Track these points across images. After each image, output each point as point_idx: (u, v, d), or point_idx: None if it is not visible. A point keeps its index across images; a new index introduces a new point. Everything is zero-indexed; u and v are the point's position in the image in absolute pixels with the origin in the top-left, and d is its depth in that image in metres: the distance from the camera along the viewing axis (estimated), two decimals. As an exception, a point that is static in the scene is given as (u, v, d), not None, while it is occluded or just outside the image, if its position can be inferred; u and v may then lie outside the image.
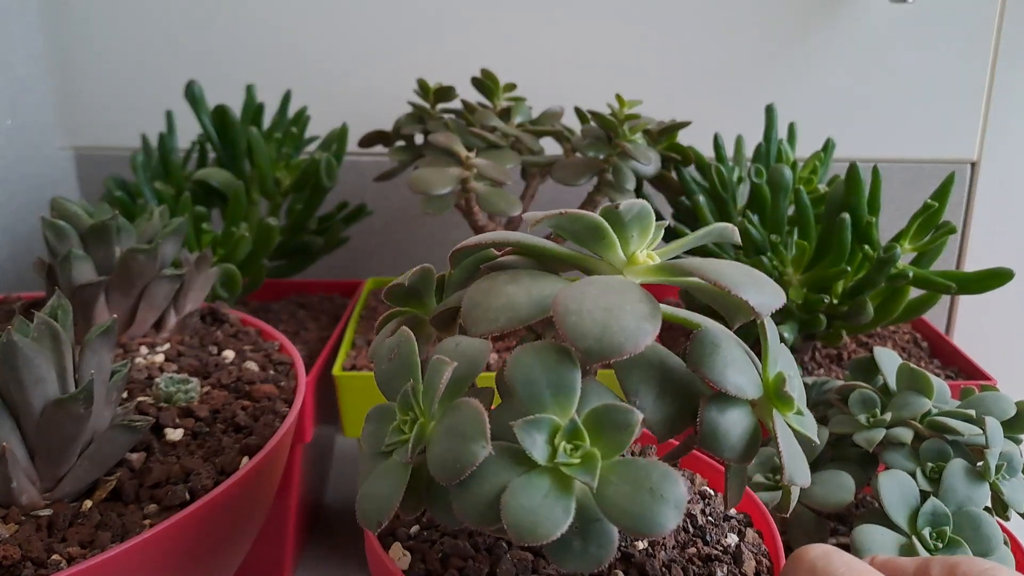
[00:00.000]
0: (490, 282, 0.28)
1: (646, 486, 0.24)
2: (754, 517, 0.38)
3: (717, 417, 0.27)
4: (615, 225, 0.29)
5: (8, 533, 0.34)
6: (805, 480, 0.28)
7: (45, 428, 0.35)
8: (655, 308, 0.26)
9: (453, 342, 0.29)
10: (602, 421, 0.25)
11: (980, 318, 0.88)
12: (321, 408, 0.60)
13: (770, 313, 0.27)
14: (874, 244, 0.56)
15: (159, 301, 0.51)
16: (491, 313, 0.27)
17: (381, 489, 0.27)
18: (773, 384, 0.28)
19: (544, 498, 0.24)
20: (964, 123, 0.82)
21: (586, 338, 0.25)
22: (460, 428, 0.25)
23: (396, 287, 0.34)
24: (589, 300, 0.26)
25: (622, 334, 0.25)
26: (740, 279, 0.27)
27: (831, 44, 0.80)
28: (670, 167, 0.65)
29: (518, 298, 0.27)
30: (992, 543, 0.39)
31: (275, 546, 0.60)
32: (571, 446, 0.25)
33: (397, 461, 0.27)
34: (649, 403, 0.28)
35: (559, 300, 0.26)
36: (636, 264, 0.29)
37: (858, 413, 0.46)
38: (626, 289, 0.27)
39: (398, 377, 0.29)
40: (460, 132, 0.61)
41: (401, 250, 0.87)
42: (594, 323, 0.25)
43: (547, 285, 0.28)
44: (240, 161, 0.69)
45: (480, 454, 0.24)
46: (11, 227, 0.74)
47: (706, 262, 0.28)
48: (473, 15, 0.80)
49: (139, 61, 0.81)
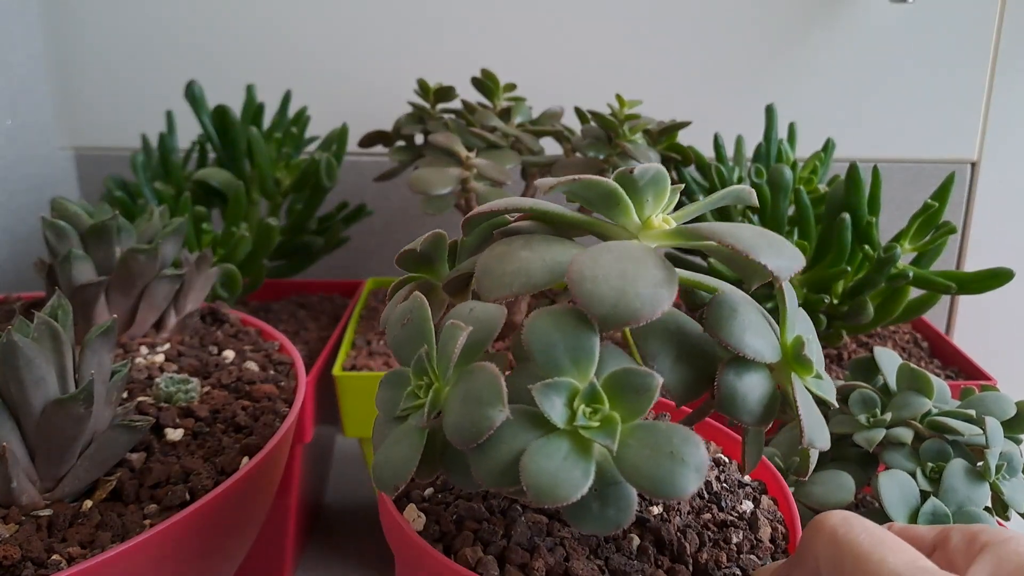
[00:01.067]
0: (504, 247, 0.28)
1: (666, 449, 0.24)
2: (769, 484, 0.38)
3: (735, 381, 0.27)
4: (629, 190, 0.28)
5: (8, 533, 0.34)
6: (825, 443, 0.28)
7: (45, 428, 0.35)
8: (671, 273, 0.26)
9: (467, 307, 0.28)
10: (621, 385, 0.25)
11: (980, 318, 0.88)
12: (321, 408, 0.60)
13: (789, 277, 0.27)
14: (874, 244, 0.56)
15: (159, 301, 0.51)
16: (505, 278, 0.27)
17: (397, 454, 0.27)
18: (792, 347, 0.28)
19: (563, 460, 0.24)
20: (964, 123, 0.82)
21: (602, 305, 0.24)
22: (476, 393, 0.25)
23: (408, 252, 0.34)
24: (604, 266, 0.25)
25: (638, 300, 0.24)
26: (758, 242, 0.26)
27: (831, 44, 0.80)
28: (670, 167, 0.65)
29: (532, 263, 0.27)
30: (992, 543, 0.39)
31: (275, 546, 0.60)
32: (590, 409, 0.25)
33: (412, 425, 0.27)
34: (667, 368, 0.27)
35: (574, 266, 0.25)
36: (651, 228, 0.29)
37: (858, 413, 0.46)
38: (642, 255, 0.26)
39: (412, 342, 0.28)
40: (460, 132, 0.61)
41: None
42: (610, 289, 0.24)
43: (561, 250, 0.27)
44: (240, 161, 0.69)
45: (497, 418, 0.24)
46: (11, 227, 0.74)
47: (722, 226, 0.27)
48: (473, 15, 0.80)
49: (139, 61, 0.81)
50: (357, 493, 0.75)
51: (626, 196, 0.28)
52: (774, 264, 0.26)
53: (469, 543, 0.31)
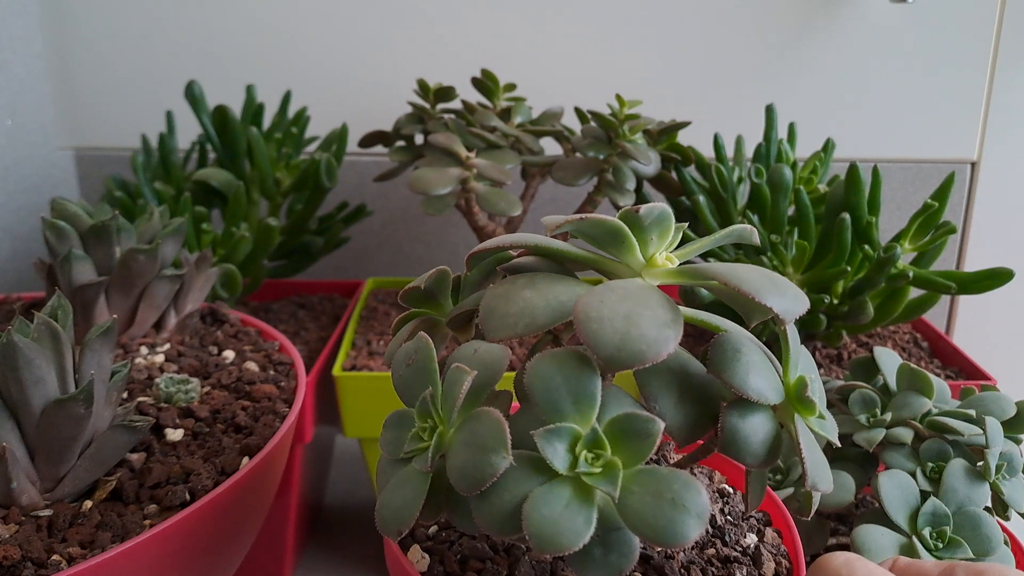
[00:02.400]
0: (507, 286, 0.28)
1: (667, 496, 0.24)
2: (773, 516, 0.38)
3: (738, 423, 0.27)
4: (634, 228, 0.29)
5: (8, 533, 0.34)
6: (828, 486, 0.28)
7: (45, 428, 0.35)
8: (676, 314, 0.26)
9: (471, 348, 0.28)
10: (623, 430, 0.25)
11: (980, 318, 0.88)
12: (321, 408, 0.60)
13: (793, 319, 0.27)
14: (874, 244, 0.56)
15: (159, 301, 0.51)
16: (509, 319, 0.27)
17: (400, 497, 0.27)
18: (794, 388, 0.28)
19: (565, 508, 0.24)
20: (964, 123, 0.82)
21: (607, 347, 0.24)
22: (480, 439, 0.25)
23: (412, 290, 0.34)
24: (609, 307, 0.25)
25: (643, 342, 0.24)
26: (762, 285, 0.26)
27: (831, 44, 0.80)
28: (670, 167, 0.65)
29: (536, 303, 0.27)
30: (992, 543, 0.39)
31: (275, 546, 0.60)
32: (592, 455, 0.25)
33: (416, 469, 0.27)
34: (669, 408, 0.27)
35: (579, 307, 0.25)
36: (655, 267, 0.29)
37: (858, 413, 0.46)
38: (646, 294, 0.26)
39: (416, 383, 0.29)
40: (460, 132, 0.61)
41: (401, 250, 0.87)
42: (614, 331, 0.24)
43: (565, 289, 0.27)
44: (240, 161, 0.69)
45: (501, 465, 0.24)
46: (11, 227, 0.74)
47: (726, 267, 0.27)
48: (473, 15, 0.80)
49: (139, 61, 0.81)
50: (357, 493, 0.75)
51: (631, 234, 0.28)
52: (780, 306, 0.26)
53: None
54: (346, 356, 0.62)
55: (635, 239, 0.29)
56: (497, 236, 0.65)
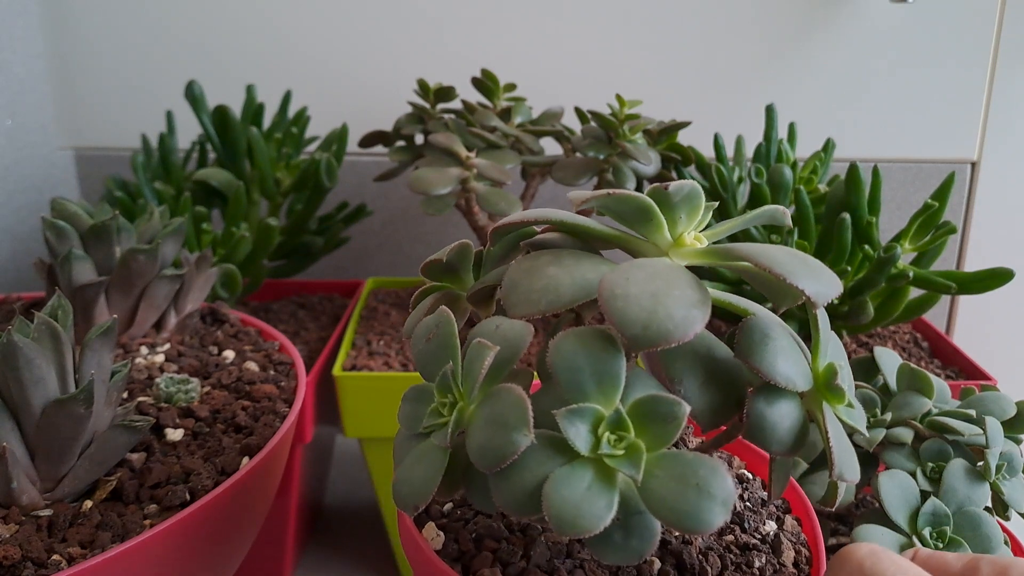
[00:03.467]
0: (531, 262, 0.27)
1: (692, 482, 0.23)
2: (793, 504, 0.38)
3: (765, 409, 0.26)
4: (663, 206, 0.28)
5: (8, 533, 0.34)
6: (855, 475, 0.27)
7: (45, 428, 0.35)
8: (704, 295, 0.25)
9: (493, 324, 0.28)
10: (648, 412, 0.25)
11: (980, 318, 0.88)
12: (321, 408, 0.60)
13: (826, 303, 0.26)
14: (874, 244, 0.56)
15: (159, 301, 0.51)
16: (533, 295, 0.26)
17: (418, 473, 0.26)
18: (824, 375, 0.27)
19: (587, 490, 0.24)
20: (964, 123, 0.82)
21: (633, 325, 0.24)
22: (502, 416, 0.24)
23: (434, 263, 0.33)
24: (636, 284, 0.24)
25: (670, 321, 0.24)
26: (795, 267, 0.25)
27: (831, 44, 0.80)
28: (670, 167, 0.65)
29: (561, 280, 0.26)
30: (992, 543, 0.39)
31: (275, 546, 0.60)
32: (615, 437, 0.24)
33: (435, 444, 0.27)
34: (694, 391, 0.27)
35: (605, 284, 0.25)
36: (683, 246, 0.28)
37: (858, 413, 0.46)
38: (674, 274, 0.25)
39: (437, 358, 0.28)
40: (460, 132, 0.61)
41: (401, 250, 0.87)
42: (641, 309, 0.24)
43: (591, 267, 0.27)
44: (240, 161, 0.69)
45: (522, 443, 0.24)
46: (11, 227, 0.74)
47: (757, 247, 0.26)
48: (473, 15, 0.80)
49: (139, 61, 0.81)
50: (357, 493, 0.75)
51: (659, 212, 0.28)
52: (812, 289, 0.25)
53: (488, 564, 0.30)
54: (346, 356, 0.62)
55: (663, 217, 0.28)
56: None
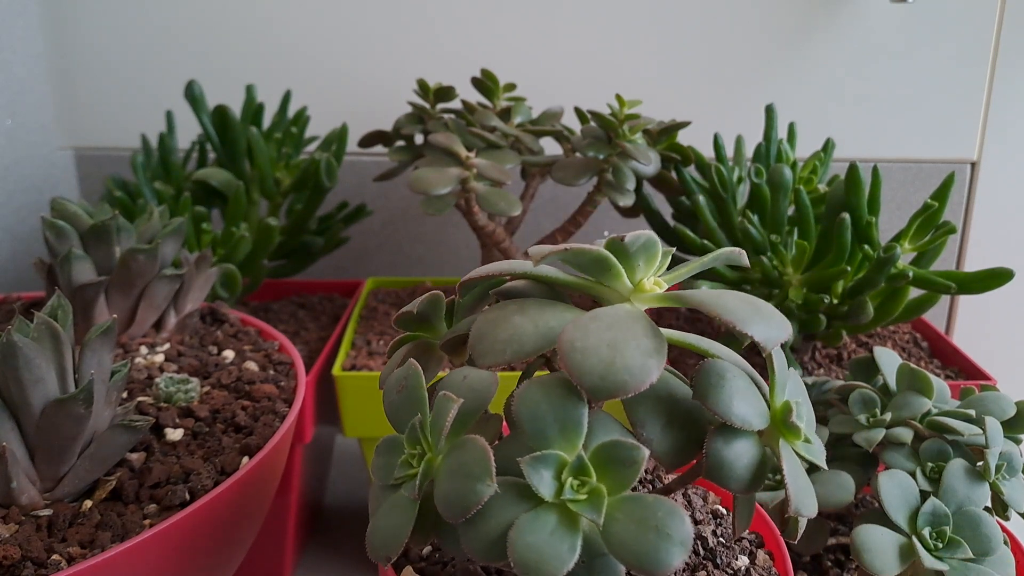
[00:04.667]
0: (498, 312, 0.29)
1: (652, 524, 0.24)
2: (765, 537, 0.38)
3: (723, 448, 0.27)
4: (620, 256, 0.29)
5: (8, 533, 0.34)
6: (812, 511, 0.28)
7: (45, 428, 0.35)
8: (660, 342, 0.26)
9: (461, 375, 0.29)
10: (609, 457, 0.25)
11: (980, 318, 0.88)
12: (321, 408, 0.60)
13: (775, 346, 0.27)
14: (874, 244, 0.56)
15: (159, 301, 0.51)
16: (497, 345, 0.27)
17: (390, 523, 0.27)
18: (780, 413, 0.28)
19: (551, 535, 0.24)
20: (964, 123, 0.82)
21: (590, 376, 0.25)
22: (466, 467, 0.25)
23: (405, 314, 0.34)
24: (593, 335, 0.26)
25: (626, 372, 0.25)
26: (744, 314, 0.26)
27: (831, 44, 0.80)
28: (670, 167, 0.65)
29: (524, 330, 0.27)
30: (992, 543, 0.39)
31: (275, 546, 0.60)
32: (578, 482, 0.25)
33: (405, 496, 0.27)
34: (656, 433, 0.28)
35: (564, 336, 0.26)
36: (643, 292, 0.29)
37: (858, 413, 0.46)
38: (631, 322, 0.26)
39: (406, 410, 0.29)
40: (460, 132, 0.61)
41: (401, 250, 0.87)
42: (599, 360, 0.25)
43: (554, 316, 0.28)
44: (240, 161, 0.69)
45: (485, 493, 0.25)
46: (11, 227, 0.74)
47: (709, 295, 0.28)
48: (473, 15, 0.80)
49: (139, 61, 0.81)
50: (357, 493, 0.75)
51: (617, 262, 0.29)
52: (761, 335, 0.26)
53: None
54: (346, 356, 0.62)
55: (621, 266, 0.29)
56: (497, 236, 0.66)
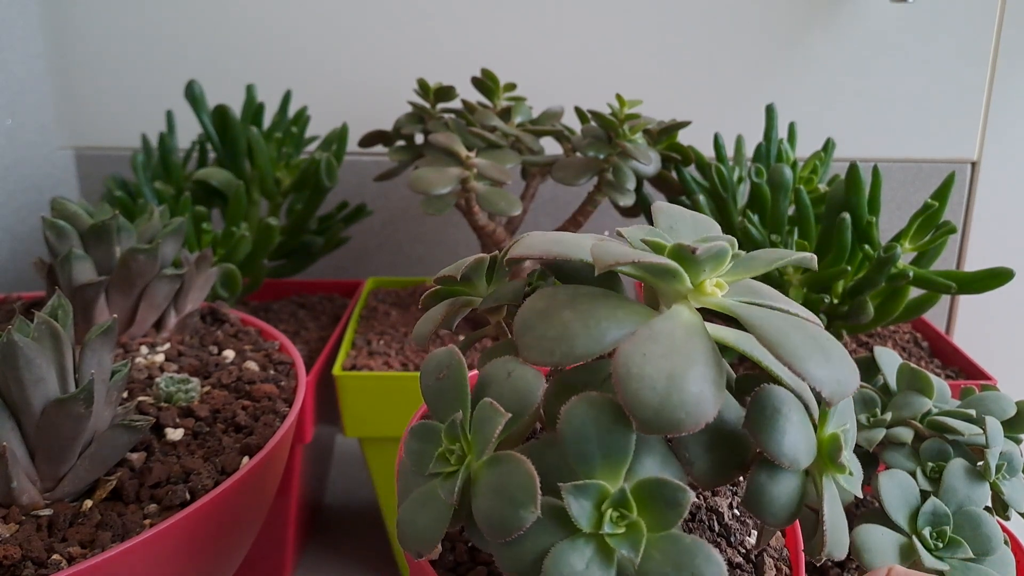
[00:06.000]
0: (547, 301, 0.27)
1: (688, 570, 0.24)
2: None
3: (767, 483, 0.26)
4: (688, 264, 0.27)
5: (8, 533, 0.34)
6: (842, 552, 0.27)
7: (45, 428, 0.35)
8: (721, 373, 0.25)
9: (505, 370, 0.27)
10: (652, 494, 0.25)
11: (980, 318, 0.88)
12: (321, 408, 0.60)
13: (842, 399, 0.25)
14: (874, 244, 0.56)
15: (159, 301, 0.51)
16: (545, 343, 0.26)
17: (424, 520, 0.27)
18: (828, 446, 0.27)
19: (586, 568, 0.24)
20: (964, 123, 0.82)
21: (645, 410, 0.24)
22: (509, 490, 0.25)
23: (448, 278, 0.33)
24: (652, 362, 0.24)
25: (683, 410, 0.24)
26: (804, 351, 0.25)
27: (831, 44, 0.80)
28: (670, 167, 0.65)
29: (575, 329, 0.26)
30: (992, 543, 0.39)
31: (275, 546, 0.60)
32: (617, 514, 0.25)
33: (441, 496, 0.27)
34: (699, 455, 0.27)
35: (619, 358, 0.24)
36: (703, 294, 0.27)
37: (858, 413, 0.46)
38: (693, 345, 0.25)
39: (446, 401, 0.28)
40: (460, 132, 0.61)
41: (401, 250, 0.87)
42: (655, 394, 0.24)
43: (607, 315, 0.26)
44: (240, 161, 0.69)
45: (528, 520, 0.24)
46: (11, 227, 0.74)
47: (770, 322, 0.26)
48: (473, 15, 0.80)
49: (139, 61, 0.81)
50: (357, 493, 0.75)
51: (683, 270, 0.27)
52: (829, 388, 0.25)
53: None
54: (346, 356, 0.62)
55: (687, 273, 0.27)
56: (497, 235, 0.65)
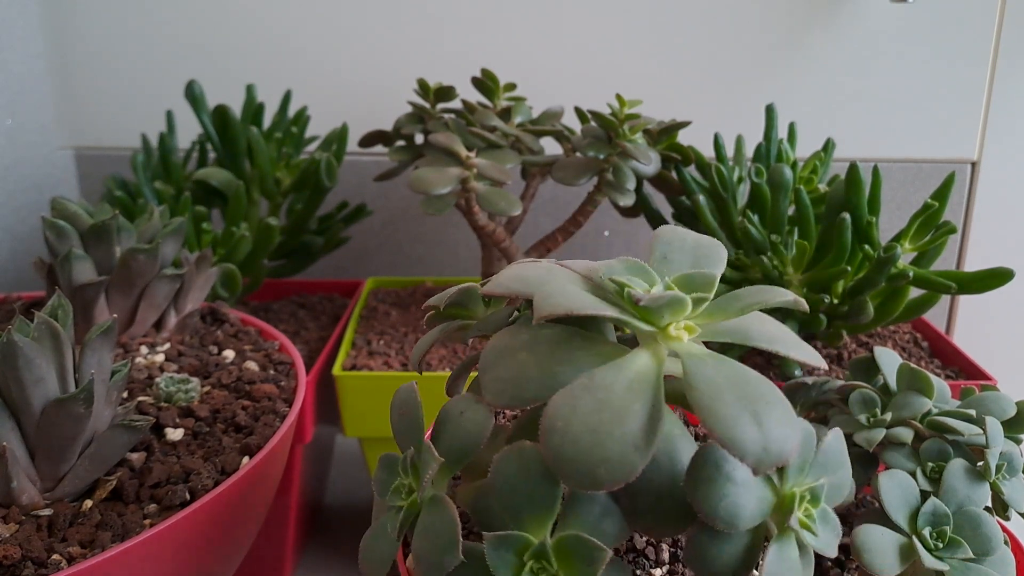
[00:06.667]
0: (509, 340, 0.27)
1: None
2: None
3: (707, 543, 0.25)
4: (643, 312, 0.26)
5: (8, 533, 0.34)
6: None
7: (45, 428, 0.35)
8: (652, 429, 0.23)
9: (459, 409, 0.28)
10: (572, 550, 0.25)
11: (980, 318, 0.88)
12: (321, 408, 0.60)
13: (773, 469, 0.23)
14: (874, 244, 0.56)
15: (159, 301, 0.51)
16: (499, 384, 0.26)
17: (376, 550, 0.29)
18: (787, 504, 0.26)
19: None
20: (964, 123, 0.82)
21: (564, 465, 0.23)
22: (436, 534, 0.26)
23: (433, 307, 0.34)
24: (580, 417, 0.23)
25: (603, 467, 0.23)
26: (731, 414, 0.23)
27: (831, 44, 0.80)
28: (670, 167, 0.65)
29: (527, 373, 0.25)
30: (992, 543, 0.39)
31: (275, 546, 0.60)
32: (539, 566, 0.25)
33: (388, 529, 0.29)
34: (642, 508, 0.26)
35: (549, 410, 0.24)
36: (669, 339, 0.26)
37: (858, 413, 0.46)
38: (630, 401, 0.24)
39: (405, 436, 0.30)
40: (460, 132, 0.61)
41: (401, 250, 0.87)
42: (577, 451, 0.23)
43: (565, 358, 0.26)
44: (240, 161, 0.69)
45: (451, 565, 0.26)
46: (11, 227, 0.74)
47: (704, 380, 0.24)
48: (473, 15, 0.80)
49: (139, 61, 0.81)
50: (357, 493, 0.75)
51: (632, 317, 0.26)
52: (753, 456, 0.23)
53: None
54: (346, 356, 0.62)
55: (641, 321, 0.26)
56: (497, 235, 0.65)
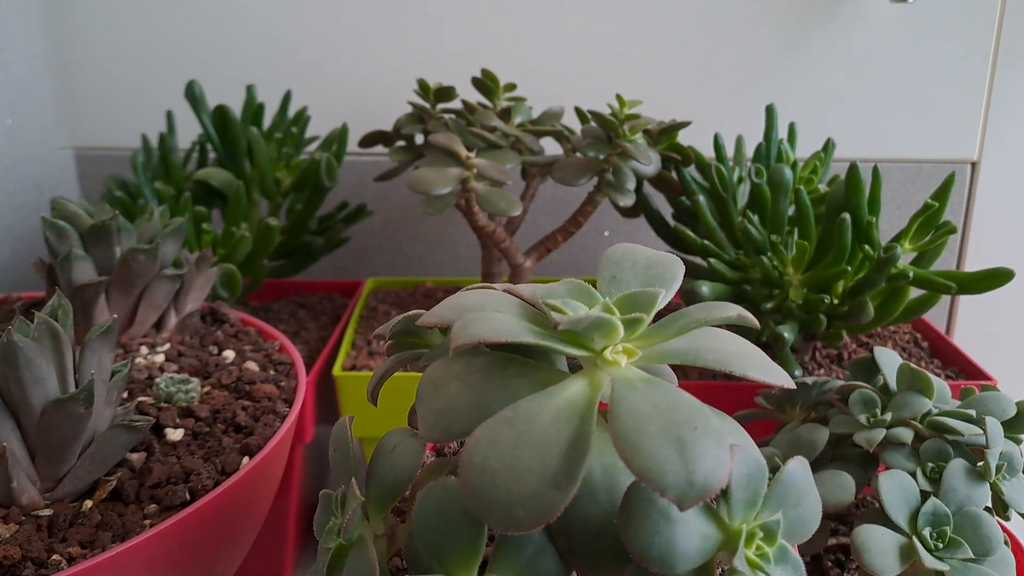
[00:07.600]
0: (443, 370, 0.26)
1: None
2: None
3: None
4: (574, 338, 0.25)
5: (8, 533, 0.34)
6: None
7: (45, 428, 0.35)
8: (577, 466, 0.22)
9: (392, 444, 0.28)
10: None
11: (980, 318, 0.88)
12: (321, 408, 0.60)
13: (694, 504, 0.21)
14: (874, 244, 0.56)
15: (159, 301, 0.51)
16: (430, 419, 0.24)
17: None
18: (734, 539, 0.24)
19: None
20: (964, 123, 0.82)
21: (481, 504, 0.22)
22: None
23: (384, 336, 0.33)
24: (496, 453, 0.22)
25: (521, 507, 0.21)
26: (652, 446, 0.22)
27: (831, 44, 0.80)
28: (670, 167, 0.65)
29: (458, 404, 0.24)
30: (992, 543, 0.39)
31: (275, 546, 0.60)
32: None
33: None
34: (579, 546, 0.24)
35: (469, 445, 0.22)
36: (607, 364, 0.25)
37: (858, 413, 0.46)
38: (555, 434, 0.22)
39: (339, 471, 0.30)
40: (460, 132, 0.61)
41: (401, 250, 0.87)
42: (493, 489, 0.22)
43: (498, 387, 0.24)
44: (240, 161, 0.69)
45: None
46: (11, 227, 0.74)
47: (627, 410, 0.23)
48: (473, 15, 0.80)
49: (139, 61, 0.81)
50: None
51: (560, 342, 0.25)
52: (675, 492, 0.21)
53: None
54: (346, 356, 0.62)
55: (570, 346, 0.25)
56: (497, 236, 0.65)
